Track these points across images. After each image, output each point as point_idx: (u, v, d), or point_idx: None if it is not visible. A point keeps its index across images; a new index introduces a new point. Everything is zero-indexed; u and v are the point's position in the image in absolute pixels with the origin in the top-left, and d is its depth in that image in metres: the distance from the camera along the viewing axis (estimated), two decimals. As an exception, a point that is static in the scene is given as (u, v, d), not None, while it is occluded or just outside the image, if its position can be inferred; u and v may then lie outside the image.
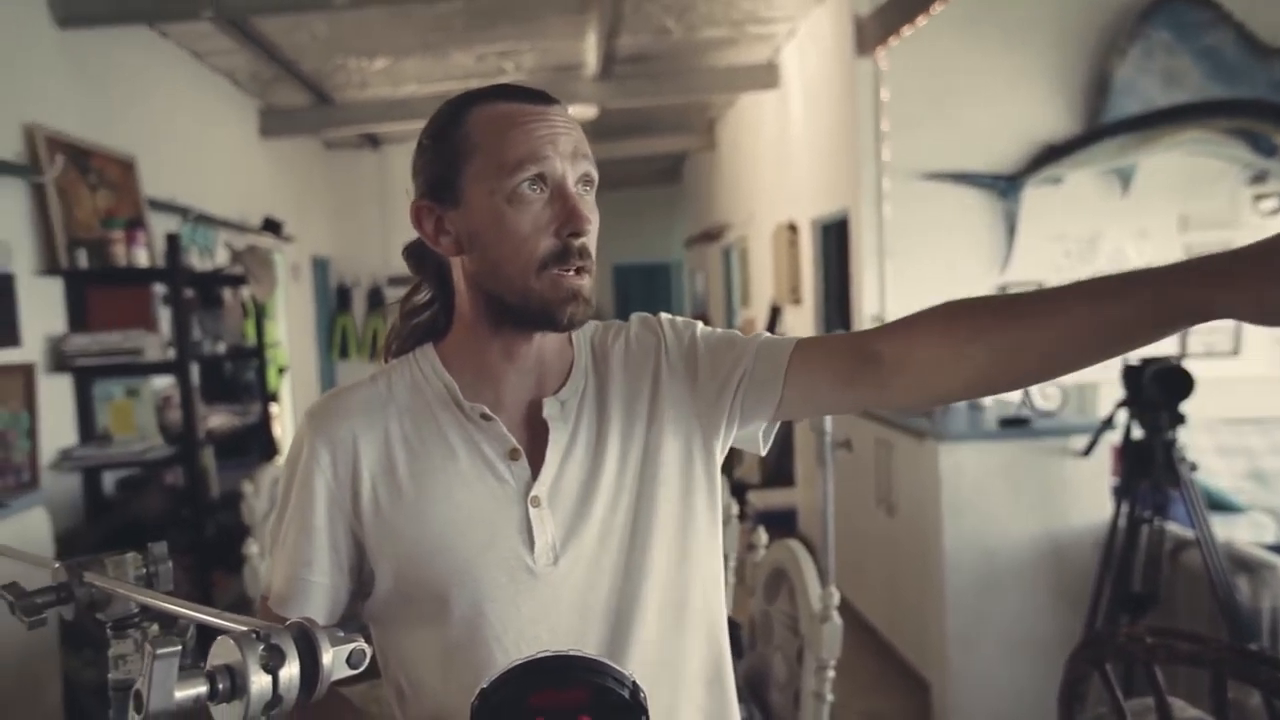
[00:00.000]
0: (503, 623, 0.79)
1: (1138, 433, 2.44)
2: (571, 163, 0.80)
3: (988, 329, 0.75)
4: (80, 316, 3.26)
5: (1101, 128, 4.53)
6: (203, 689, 0.52)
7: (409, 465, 0.82)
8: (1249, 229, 4.72)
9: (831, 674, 1.55)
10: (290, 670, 0.56)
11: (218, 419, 4.08)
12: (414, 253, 0.92)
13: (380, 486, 0.82)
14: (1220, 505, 3.83)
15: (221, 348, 4.07)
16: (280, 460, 4.45)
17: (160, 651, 0.51)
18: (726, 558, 2.30)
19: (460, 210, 0.82)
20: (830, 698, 1.55)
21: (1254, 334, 4.75)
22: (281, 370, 5.31)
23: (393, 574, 0.81)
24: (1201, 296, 0.62)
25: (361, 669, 0.62)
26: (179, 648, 0.53)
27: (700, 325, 0.93)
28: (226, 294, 4.31)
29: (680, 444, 0.87)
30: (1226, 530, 2.75)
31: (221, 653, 0.53)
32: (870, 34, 4.29)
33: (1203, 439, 4.46)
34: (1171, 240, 4.69)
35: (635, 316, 0.94)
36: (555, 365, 0.88)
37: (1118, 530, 2.46)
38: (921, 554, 2.95)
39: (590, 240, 0.81)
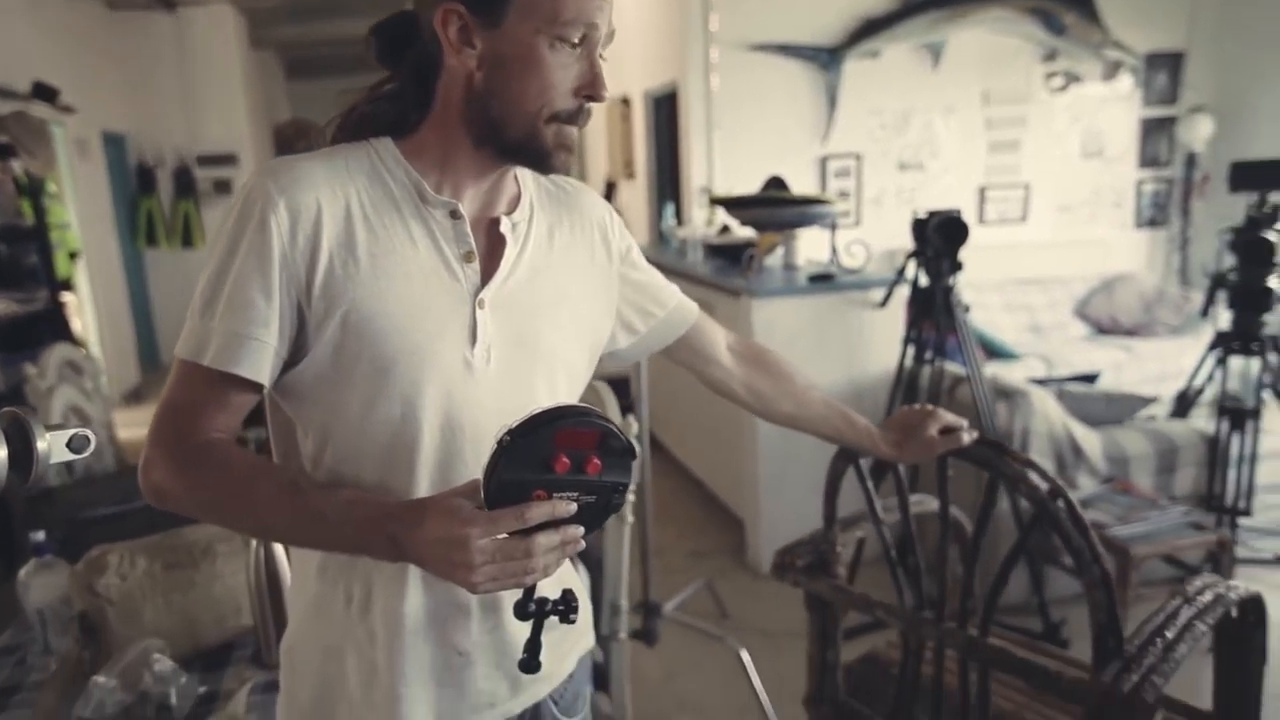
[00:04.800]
0: (436, 404, 0.81)
1: (925, 281, 2.66)
2: (606, 29, 0.82)
3: (782, 396, 1.17)
4: None
5: (914, 2, 4.70)
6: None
7: (369, 244, 0.81)
8: (1040, 105, 5.10)
9: (631, 497, 1.66)
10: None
11: (-3, 306, 3.70)
12: (392, 37, 0.87)
13: (337, 259, 0.80)
14: (1003, 354, 4.28)
15: (-8, 226, 3.65)
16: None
17: None
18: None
19: (497, 32, 0.80)
20: (630, 519, 1.67)
21: (1039, 203, 5.21)
22: (73, 255, 4.83)
23: (334, 346, 0.80)
24: (884, 455, 1.24)
25: (85, 454, 0.61)
26: None
27: (635, 245, 1.04)
28: (-8, 166, 3.83)
29: (591, 315, 0.95)
30: (1006, 373, 3.08)
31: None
32: (694, -106, 4.19)
33: (993, 298, 4.92)
34: (975, 114, 5.01)
35: (587, 187, 1.01)
36: (506, 191, 0.90)
37: (904, 371, 2.71)
38: (735, 406, 3.14)
39: None
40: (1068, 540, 1.11)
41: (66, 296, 4.43)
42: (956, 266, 2.56)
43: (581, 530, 0.72)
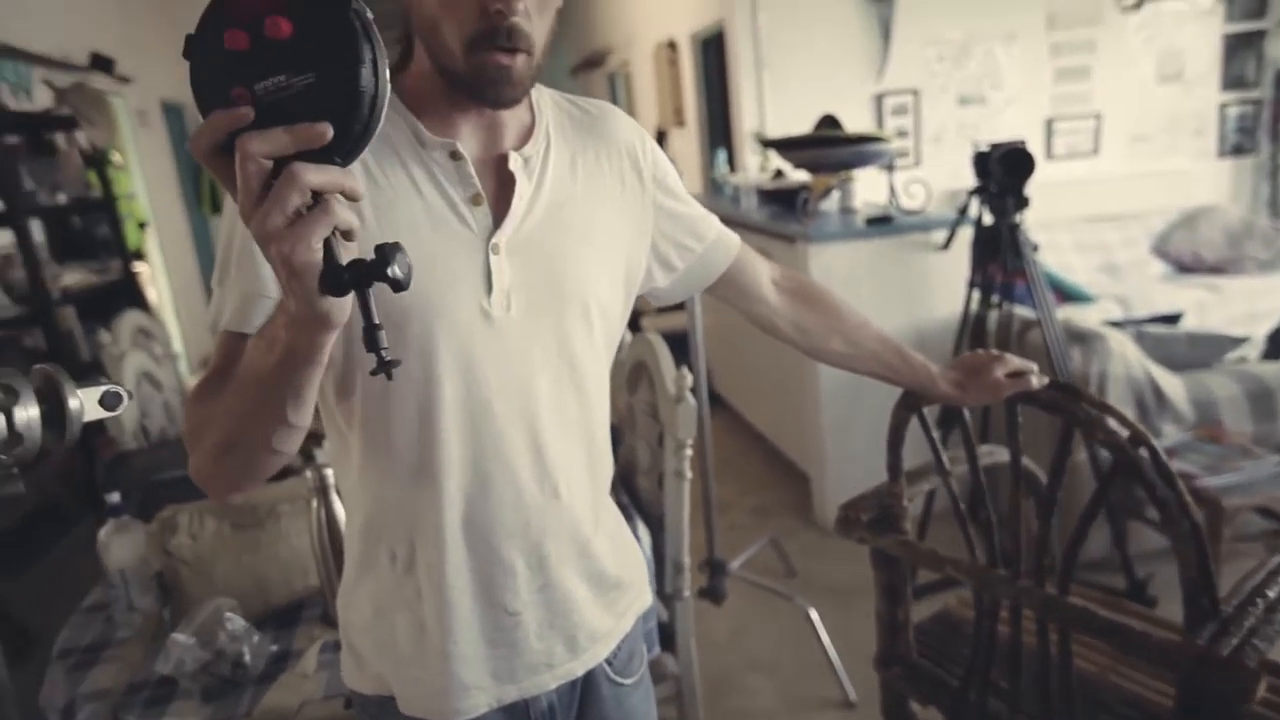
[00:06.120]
0: (454, 358, 0.79)
1: (989, 220, 2.54)
2: None
3: (831, 333, 1.10)
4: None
5: (975, -78, 4.43)
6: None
7: (372, 196, 0.78)
8: (1111, 26, 4.80)
9: (689, 453, 1.63)
10: (28, 412, 0.54)
11: (74, 276, 3.82)
12: None
13: None
14: (1074, 297, 4.10)
15: (62, 198, 3.75)
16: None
17: None
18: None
19: None
20: (689, 475, 1.64)
21: (1111, 134, 4.94)
22: (142, 225, 4.96)
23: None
24: (943, 395, 1.18)
25: (118, 411, 0.60)
26: None
27: (675, 174, 0.98)
28: (60, 140, 3.93)
29: (624, 248, 0.90)
30: (1080, 317, 2.95)
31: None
32: None
33: (1063, 237, 4.71)
34: (1039, 40, 4.74)
35: (614, 108, 0.94)
36: (512, 124, 0.84)
37: (969, 316, 2.61)
38: (798, 356, 3.07)
39: (524, 21, 0.76)
40: (1152, 491, 1.04)
41: (139, 266, 4.55)
42: (1023, 202, 2.43)
43: (326, 129, 0.55)
